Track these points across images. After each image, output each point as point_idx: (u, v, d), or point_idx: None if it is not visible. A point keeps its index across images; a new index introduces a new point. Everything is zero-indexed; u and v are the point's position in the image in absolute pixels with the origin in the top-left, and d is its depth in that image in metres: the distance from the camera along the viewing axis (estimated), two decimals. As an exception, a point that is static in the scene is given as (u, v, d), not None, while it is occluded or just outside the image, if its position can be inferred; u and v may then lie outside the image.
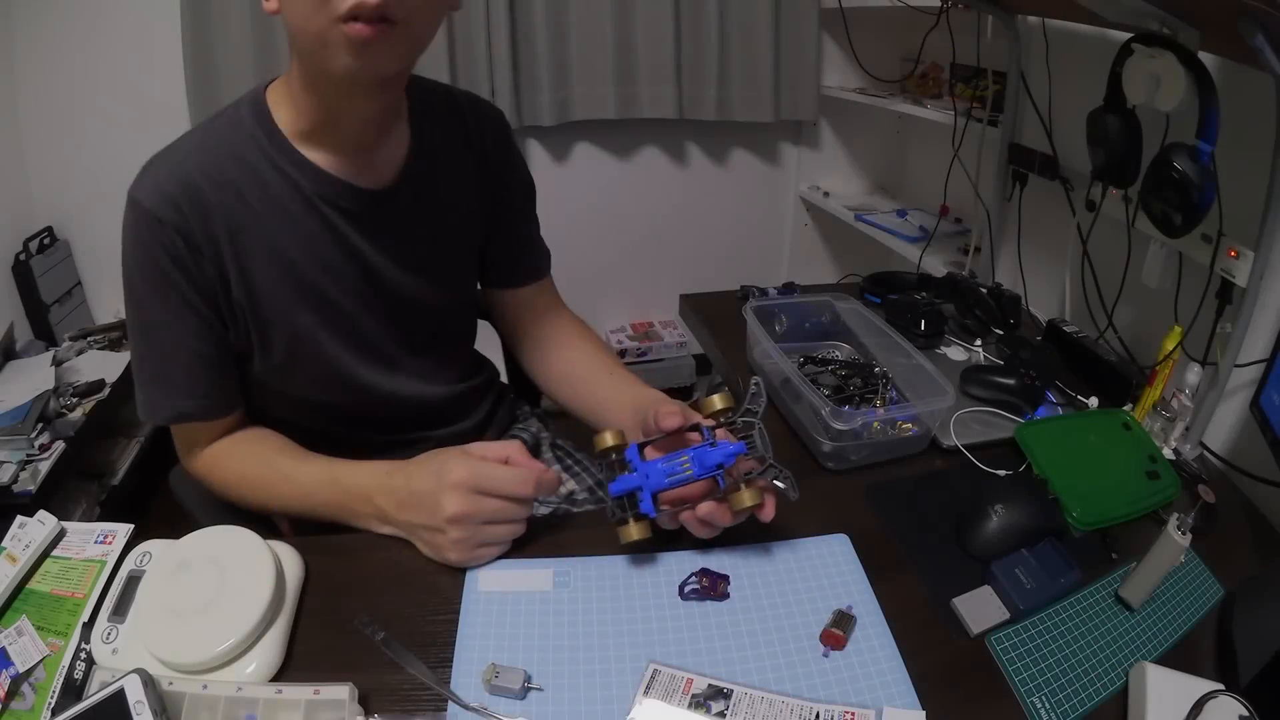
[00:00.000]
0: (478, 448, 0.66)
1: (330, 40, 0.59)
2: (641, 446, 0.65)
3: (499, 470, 0.63)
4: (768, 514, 0.64)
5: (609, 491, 0.64)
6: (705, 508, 0.62)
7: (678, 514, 0.64)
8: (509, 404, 1.02)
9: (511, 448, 0.66)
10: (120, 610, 0.57)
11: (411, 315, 0.81)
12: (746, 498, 0.62)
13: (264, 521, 0.79)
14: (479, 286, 0.93)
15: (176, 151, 0.69)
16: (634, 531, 0.63)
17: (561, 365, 0.91)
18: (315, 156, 0.70)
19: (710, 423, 0.64)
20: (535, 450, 0.98)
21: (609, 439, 0.66)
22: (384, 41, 0.59)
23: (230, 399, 0.76)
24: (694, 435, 0.65)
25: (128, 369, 1.66)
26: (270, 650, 0.55)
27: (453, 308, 0.87)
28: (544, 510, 0.90)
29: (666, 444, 0.66)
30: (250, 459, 0.75)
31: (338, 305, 0.75)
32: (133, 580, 0.59)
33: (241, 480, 0.75)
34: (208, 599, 0.55)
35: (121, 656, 0.54)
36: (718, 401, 0.64)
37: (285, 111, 0.70)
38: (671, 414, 0.65)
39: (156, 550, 0.61)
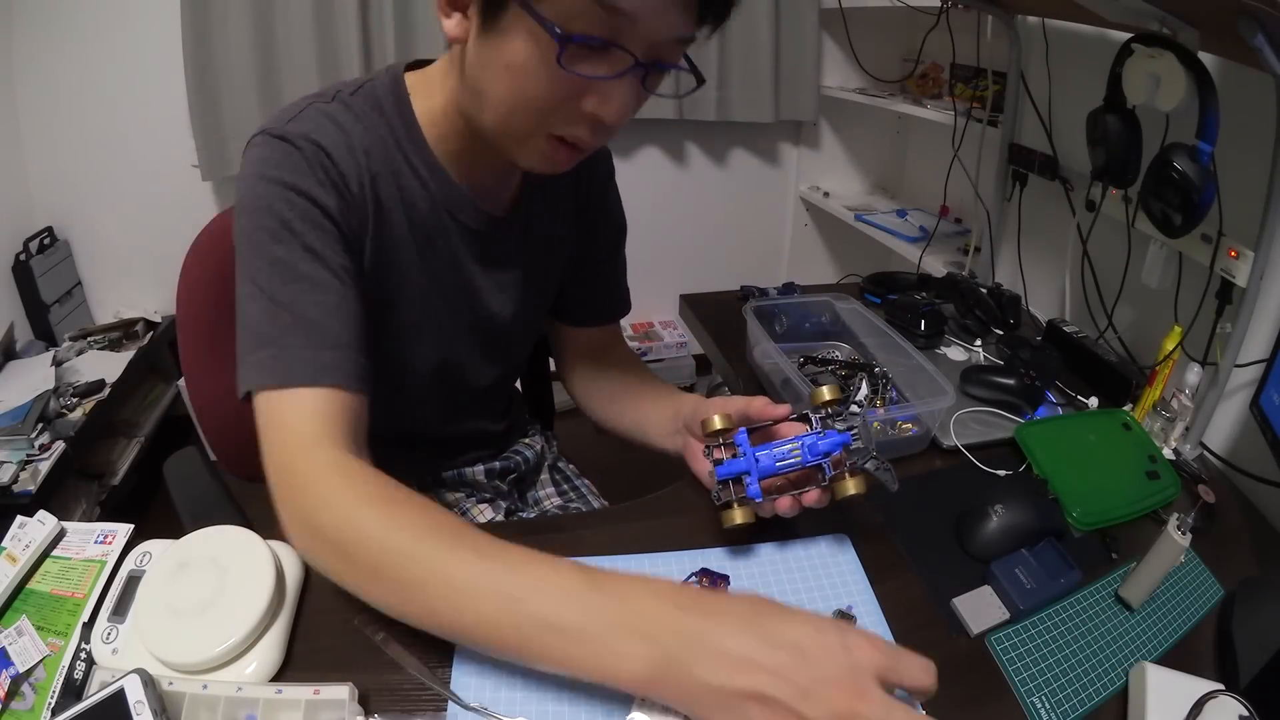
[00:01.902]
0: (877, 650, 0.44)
1: (530, 144, 0.59)
2: (751, 432, 0.65)
3: (912, 660, 0.44)
4: (820, 499, 0.64)
5: (715, 474, 0.64)
6: (811, 496, 0.63)
7: (778, 499, 0.64)
8: (522, 417, 1.02)
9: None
10: (120, 610, 0.57)
11: (496, 343, 0.80)
12: (851, 486, 0.63)
13: (263, 521, 0.78)
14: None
15: (326, 107, 0.62)
16: (738, 515, 0.63)
17: (605, 383, 0.89)
18: (449, 165, 0.67)
19: (819, 413, 0.66)
20: (535, 470, 0.98)
21: (717, 422, 0.65)
22: (575, 158, 0.60)
23: (368, 375, 0.60)
24: (792, 425, 0.67)
25: (127, 369, 1.66)
26: (270, 650, 0.55)
27: (529, 338, 0.87)
28: (530, 514, 0.90)
29: (761, 435, 0.67)
30: (431, 510, 0.51)
31: (436, 316, 0.73)
32: (133, 580, 0.59)
33: (403, 553, 0.49)
34: (208, 599, 0.55)
35: (121, 657, 0.54)
36: (826, 393, 0.65)
37: (425, 109, 0.66)
38: (771, 404, 0.65)
39: (156, 550, 0.61)
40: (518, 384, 1.03)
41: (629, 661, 0.42)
